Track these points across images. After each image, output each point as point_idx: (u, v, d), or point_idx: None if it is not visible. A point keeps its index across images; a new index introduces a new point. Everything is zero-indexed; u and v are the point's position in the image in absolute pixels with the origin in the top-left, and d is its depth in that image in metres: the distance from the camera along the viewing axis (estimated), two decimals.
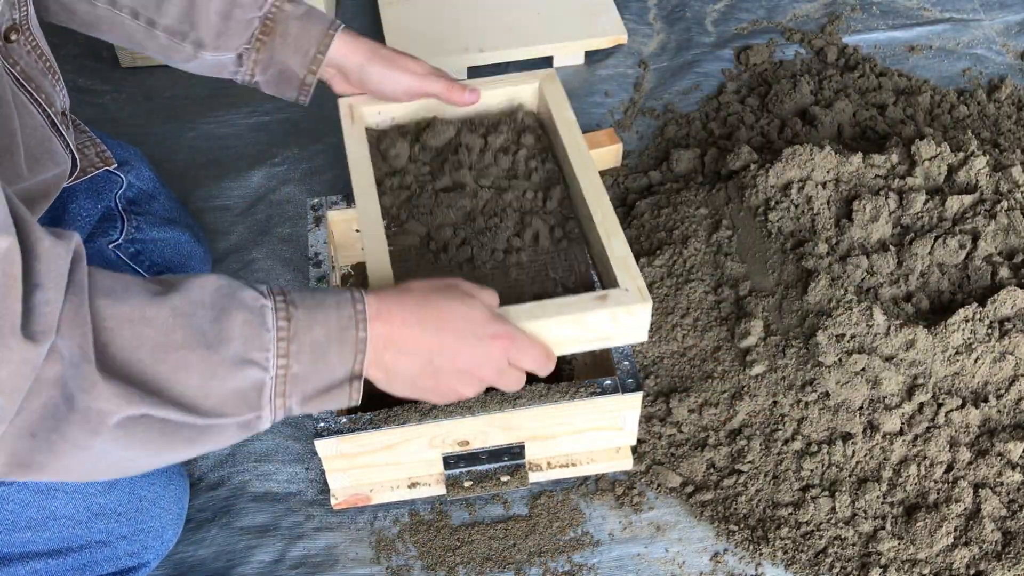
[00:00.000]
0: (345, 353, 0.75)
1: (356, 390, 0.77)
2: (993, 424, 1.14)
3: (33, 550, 0.98)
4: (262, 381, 0.72)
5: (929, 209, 1.26)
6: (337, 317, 0.75)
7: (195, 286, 0.72)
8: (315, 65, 1.02)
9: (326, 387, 0.76)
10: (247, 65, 1.03)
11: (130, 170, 1.24)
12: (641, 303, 0.90)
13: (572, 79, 1.66)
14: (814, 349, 1.16)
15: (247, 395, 0.72)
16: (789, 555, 1.08)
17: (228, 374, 0.70)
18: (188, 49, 1.01)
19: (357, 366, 0.76)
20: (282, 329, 0.73)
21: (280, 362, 0.73)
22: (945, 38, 1.71)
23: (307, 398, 0.75)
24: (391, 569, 1.09)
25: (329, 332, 0.75)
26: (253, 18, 1.01)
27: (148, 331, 0.68)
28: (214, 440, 0.74)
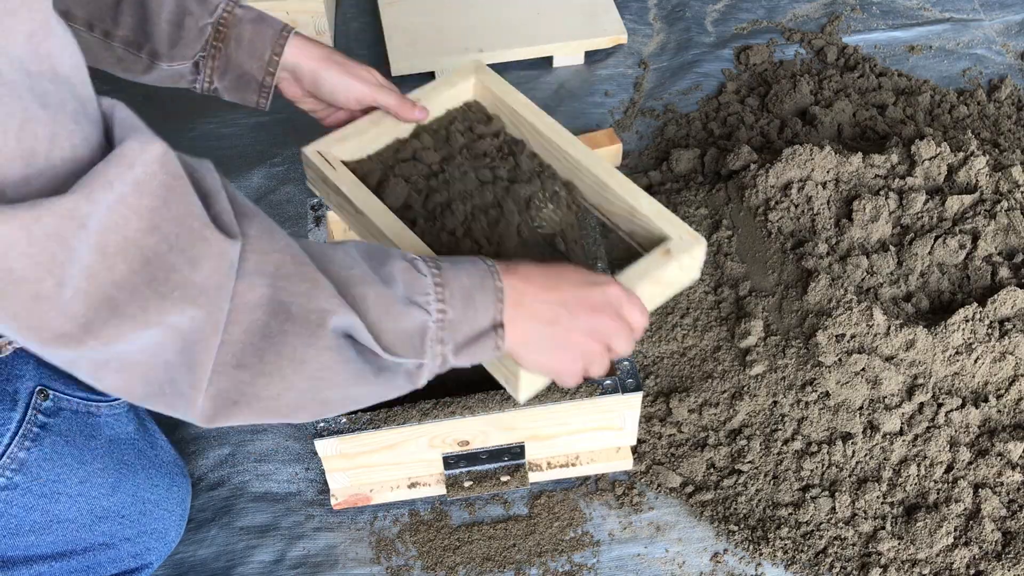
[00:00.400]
0: (488, 301, 0.78)
1: (501, 338, 0.79)
2: (993, 424, 1.14)
3: (37, 553, 0.98)
4: (425, 324, 0.74)
5: (929, 209, 1.26)
6: (475, 269, 0.78)
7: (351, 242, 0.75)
8: (272, 67, 1.03)
9: (476, 335, 0.78)
10: (204, 73, 1.03)
11: None
12: (698, 244, 0.93)
13: (572, 79, 1.66)
14: (814, 349, 1.16)
15: (413, 338, 0.74)
16: (789, 555, 1.08)
17: (400, 313, 0.73)
18: (144, 60, 1.01)
19: (498, 315, 0.79)
20: (436, 275, 0.76)
21: (438, 306, 0.75)
22: (945, 38, 1.71)
23: (460, 346, 0.77)
24: (391, 569, 1.09)
25: (472, 280, 0.78)
26: (205, 25, 1.01)
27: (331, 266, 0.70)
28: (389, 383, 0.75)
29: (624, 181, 0.99)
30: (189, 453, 1.19)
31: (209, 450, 1.19)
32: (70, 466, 0.96)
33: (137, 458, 1.03)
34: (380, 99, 1.06)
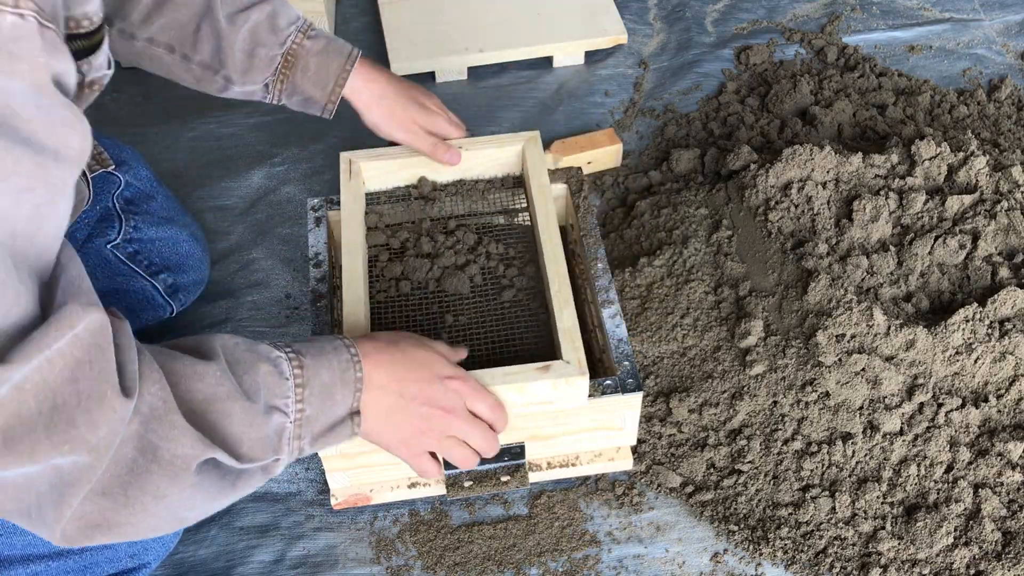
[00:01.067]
0: (346, 392, 0.84)
1: (357, 424, 0.86)
2: (993, 424, 1.14)
3: (34, 552, 0.97)
4: (284, 425, 0.79)
5: (929, 209, 1.26)
6: (337, 361, 0.84)
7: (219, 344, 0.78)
8: (334, 96, 1.14)
9: (331, 425, 0.84)
10: (273, 94, 1.14)
11: (127, 170, 1.24)
12: (580, 375, 0.98)
13: (572, 79, 1.66)
14: (814, 349, 1.16)
15: (272, 440, 0.79)
16: (789, 555, 1.08)
17: (261, 421, 0.77)
18: (220, 82, 1.11)
19: (355, 403, 0.85)
20: (297, 376, 0.81)
21: (297, 407, 0.80)
22: (945, 38, 1.71)
23: (316, 437, 0.83)
24: (391, 569, 1.09)
25: (333, 375, 0.83)
26: (275, 55, 1.10)
27: (201, 386, 0.74)
28: (246, 486, 0.80)
29: (564, 287, 1.05)
30: None
31: None
32: None
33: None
34: (416, 144, 1.19)
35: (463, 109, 1.60)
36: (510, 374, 0.98)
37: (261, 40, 1.09)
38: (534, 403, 1.00)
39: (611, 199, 1.46)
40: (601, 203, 1.46)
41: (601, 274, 1.14)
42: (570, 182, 1.25)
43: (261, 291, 1.36)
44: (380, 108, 1.17)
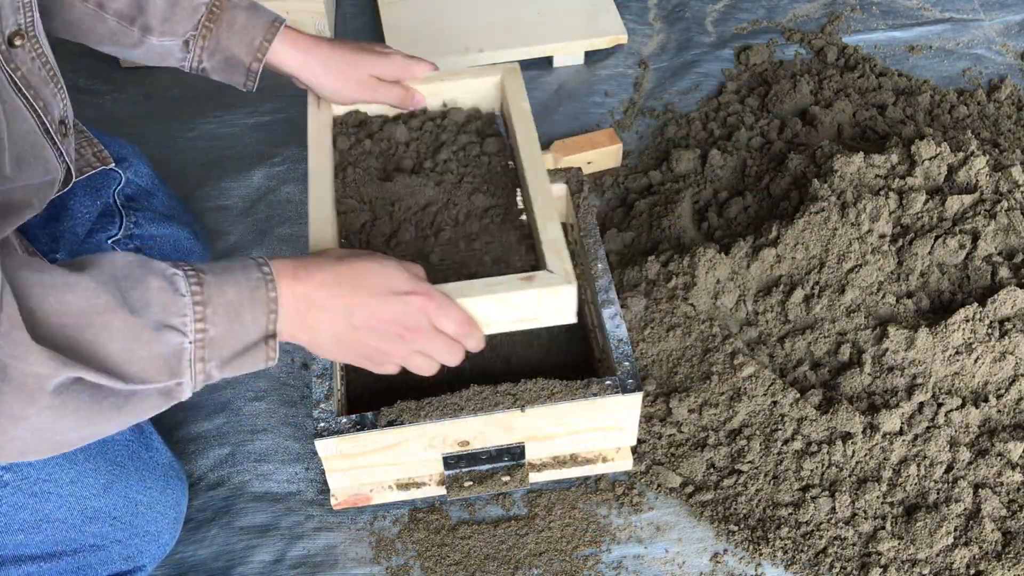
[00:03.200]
0: (258, 313, 0.77)
1: (272, 348, 0.79)
2: (993, 424, 1.14)
3: (26, 553, 0.97)
4: (181, 346, 0.73)
5: (929, 209, 1.26)
6: (246, 279, 0.77)
7: (108, 259, 0.73)
8: (260, 53, 1.05)
9: (243, 348, 0.77)
10: (194, 52, 1.05)
11: (128, 167, 1.24)
12: (566, 284, 0.91)
13: (572, 79, 1.66)
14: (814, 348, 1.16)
15: (168, 360, 0.73)
16: (789, 555, 1.08)
17: (150, 339, 0.71)
18: (135, 34, 1.03)
19: (271, 325, 0.78)
20: (196, 294, 0.74)
21: (197, 326, 0.74)
22: (945, 38, 1.71)
23: (225, 361, 0.77)
24: (391, 569, 1.09)
25: (241, 293, 0.76)
26: (200, 4, 1.03)
27: (71, 296, 0.69)
28: (138, 408, 0.75)
29: (548, 202, 0.99)
30: (189, 453, 1.19)
31: (209, 450, 1.19)
32: (61, 465, 0.96)
33: (130, 460, 1.02)
34: (380, 98, 1.08)
35: None
36: (491, 284, 0.90)
37: None
38: (517, 318, 0.92)
39: (611, 199, 1.46)
40: (601, 203, 1.46)
41: (601, 274, 1.14)
42: (570, 182, 1.25)
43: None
44: (329, 73, 1.06)
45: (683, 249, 1.31)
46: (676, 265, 1.27)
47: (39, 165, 0.92)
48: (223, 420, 1.22)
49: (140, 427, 1.06)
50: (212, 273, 0.76)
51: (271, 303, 0.78)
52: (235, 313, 0.76)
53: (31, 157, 0.91)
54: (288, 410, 1.23)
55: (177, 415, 1.23)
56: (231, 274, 0.77)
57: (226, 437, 1.21)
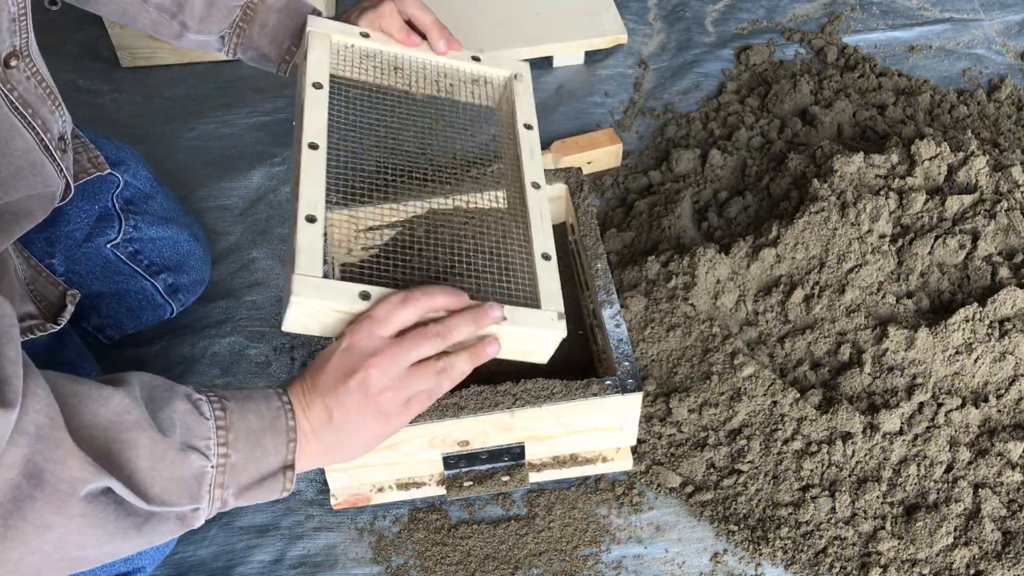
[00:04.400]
0: (279, 441, 0.78)
1: (289, 480, 0.79)
2: (993, 424, 1.14)
3: None
4: (204, 469, 0.74)
5: (929, 209, 1.26)
6: (267, 407, 0.78)
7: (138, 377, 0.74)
8: (288, 56, 1.10)
9: (261, 477, 0.77)
10: (229, 46, 1.10)
11: (126, 170, 1.23)
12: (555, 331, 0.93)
13: (572, 79, 1.66)
14: (814, 348, 1.16)
15: (189, 484, 0.73)
16: (789, 555, 1.08)
17: (175, 459, 0.72)
18: (176, 27, 1.08)
19: (290, 455, 0.79)
20: (219, 418, 0.75)
21: (220, 450, 0.74)
22: (945, 38, 1.71)
23: (242, 488, 0.77)
24: (391, 569, 1.09)
25: (262, 421, 0.77)
26: (234, 6, 1.07)
27: (104, 410, 0.69)
28: (156, 532, 0.74)
29: None
30: None
31: None
32: None
33: None
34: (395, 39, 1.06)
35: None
36: None
37: None
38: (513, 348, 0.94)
39: (611, 199, 1.46)
40: (601, 203, 1.46)
41: (601, 274, 1.14)
42: (570, 182, 1.25)
43: (261, 291, 1.36)
44: None
45: (683, 249, 1.31)
46: (676, 265, 1.27)
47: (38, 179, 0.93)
48: None
49: None
50: (235, 400, 0.77)
51: (291, 432, 0.79)
52: (257, 440, 0.77)
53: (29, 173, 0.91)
54: None
55: None
56: (253, 402, 0.78)
57: None
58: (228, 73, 1.67)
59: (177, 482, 0.72)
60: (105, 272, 1.18)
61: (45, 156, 0.93)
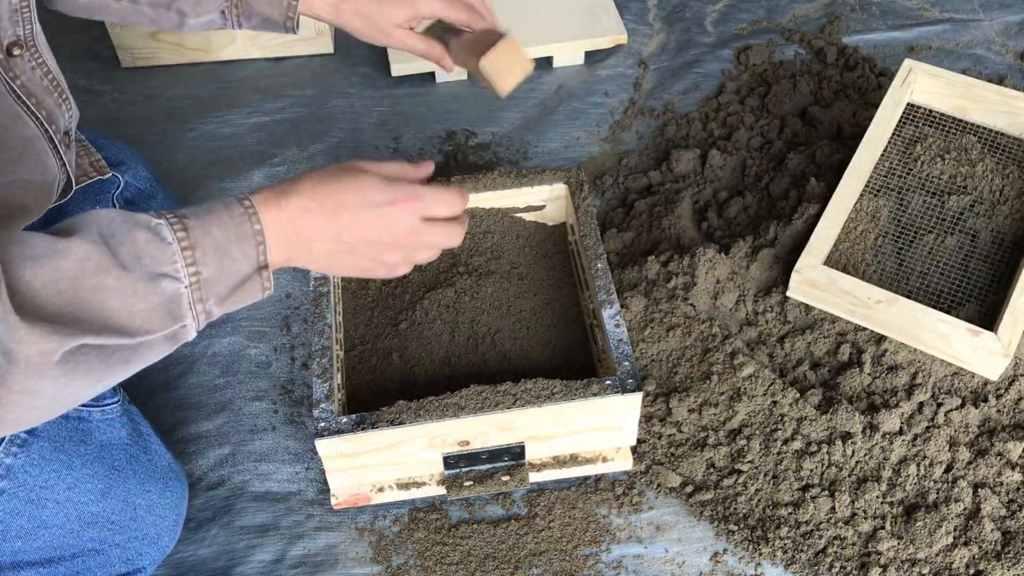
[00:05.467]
0: (246, 248, 0.79)
1: (267, 279, 0.80)
2: (993, 424, 1.14)
3: (24, 559, 0.97)
4: (178, 291, 0.75)
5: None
6: (229, 217, 0.78)
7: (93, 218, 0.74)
8: (291, 12, 1.07)
9: (237, 283, 0.79)
10: (231, 19, 1.08)
11: (127, 170, 1.24)
12: None
13: (572, 79, 1.66)
14: (813, 347, 1.16)
15: (168, 307, 0.75)
16: (789, 555, 1.08)
17: (146, 291, 0.73)
18: (175, 17, 1.06)
19: (261, 257, 0.79)
20: (182, 240, 0.75)
21: (190, 270, 0.75)
22: (945, 38, 1.71)
23: (222, 297, 0.78)
24: (391, 569, 1.09)
25: (226, 231, 0.78)
26: None
27: (64, 263, 0.70)
28: (147, 355, 0.76)
29: None
30: (189, 453, 1.19)
31: (209, 450, 1.19)
32: (58, 472, 0.95)
33: (129, 463, 1.02)
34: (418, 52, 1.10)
35: (463, 109, 1.61)
36: None
37: None
38: None
39: (611, 199, 1.46)
40: (601, 203, 1.46)
41: (601, 274, 1.14)
42: (570, 182, 1.25)
43: None
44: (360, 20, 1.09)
45: (683, 249, 1.31)
46: (676, 265, 1.27)
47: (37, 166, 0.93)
48: (223, 420, 1.22)
49: (139, 430, 1.06)
50: (195, 217, 0.77)
51: (257, 235, 0.79)
52: (224, 251, 0.77)
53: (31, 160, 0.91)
54: (288, 410, 1.23)
55: (177, 415, 1.23)
56: (214, 214, 0.78)
57: (226, 437, 1.21)
58: (228, 73, 1.67)
59: (155, 310, 0.74)
60: None
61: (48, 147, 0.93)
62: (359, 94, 1.63)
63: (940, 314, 1.12)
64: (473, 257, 1.27)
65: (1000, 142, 1.36)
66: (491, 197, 1.27)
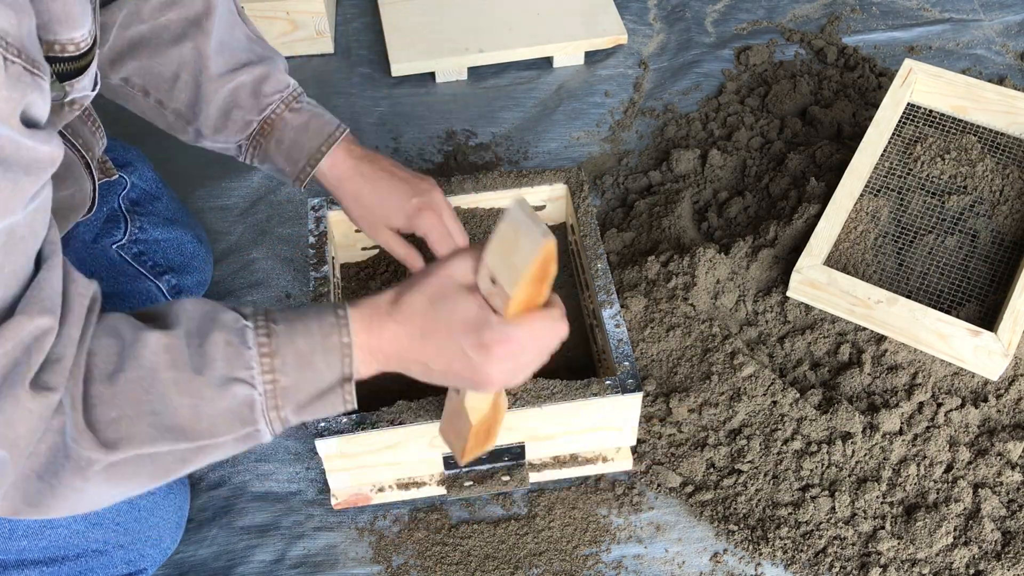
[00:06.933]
0: (331, 359, 0.77)
1: (349, 392, 0.78)
2: (993, 424, 1.14)
3: (29, 558, 0.97)
4: (251, 398, 0.74)
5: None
6: (319, 326, 0.77)
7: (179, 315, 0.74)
8: (303, 174, 1.06)
9: (318, 394, 0.77)
10: (245, 154, 1.08)
11: (132, 171, 1.24)
12: None
13: (572, 79, 1.66)
14: (813, 347, 1.16)
15: (240, 412, 0.74)
16: (789, 555, 1.08)
17: (216, 395, 0.72)
18: (191, 133, 1.06)
19: (347, 369, 0.77)
20: (263, 345, 0.74)
21: (266, 377, 0.74)
22: (945, 38, 1.71)
23: (301, 406, 0.77)
24: (391, 569, 1.09)
25: (312, 341, 0.76)
26: (252, 120, 1.05)
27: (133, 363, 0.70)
28: (212, 455, 0.76)
29: None
30: None
31: None
32: None
33: None
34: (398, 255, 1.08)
35: (463, 109, 1.61)
36: None
37: (240, 103, 1.04)
38: None
39: (611, 199, 1.46)
40: (601, 203, 1.46)
41: (601, 274, 1.14)
42: (570, 182, 1.25)
43: (261, 291, 1.36)
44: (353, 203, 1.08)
45: (683, 249, 1.31)
46: (676, 265, 1.27)
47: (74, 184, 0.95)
48: None
49: None
50: (284, 322, 0.76)
51: (344, 348, 0.77)
52: (307, 362, 0.76)
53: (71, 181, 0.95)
54: None
55: None
56: (303, 322, 0.77)
57: None
58: None
59: (223, 415, 0.73)
60: (110, 273, 1.18)
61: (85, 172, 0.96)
62: (359, 94, 1.63)
63: (940, 314, 1.12)
64: None
65: (1000, 142, 1.36)
66: (491, 197, 1.27)
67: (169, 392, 0.71)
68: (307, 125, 1.05)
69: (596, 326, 1.15)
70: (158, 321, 0.73)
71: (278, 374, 0.75)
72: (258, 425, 0.75)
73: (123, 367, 0.70)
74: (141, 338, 0.71)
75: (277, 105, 1.04)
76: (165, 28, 1.00)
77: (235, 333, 0.74)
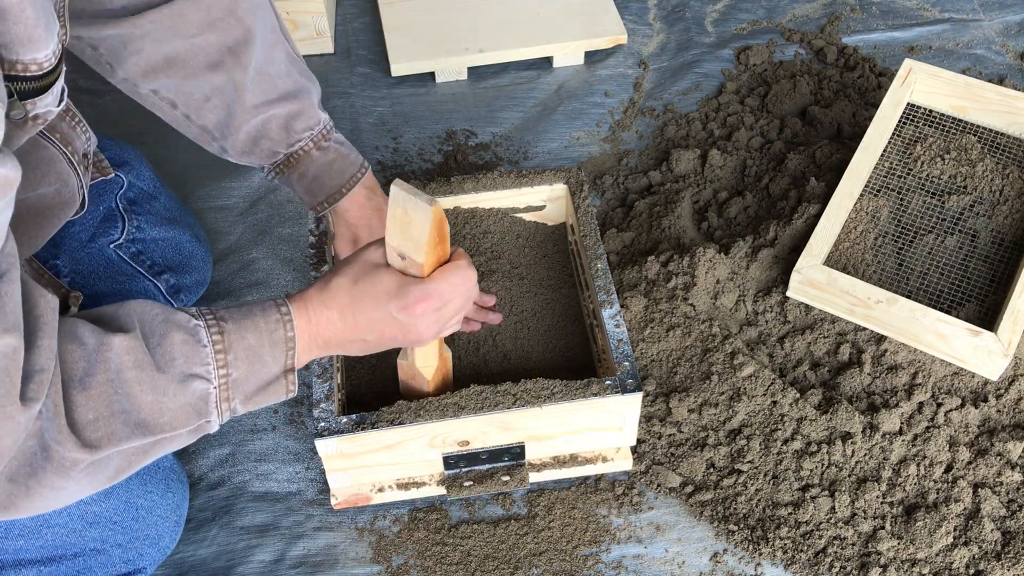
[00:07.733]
0: (277, 352, 0.83)
1: (292, 382, 0.85)
2: (993, 424, 1.14)
3: (27, 557, 0.97)
4: (207, 391, 0.79)
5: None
6: (264, 322, 0.83)
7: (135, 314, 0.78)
8: (320, 208, 1.12)
9: (264, 384, 0.83)
10: (268, 176, 1.12)
11: (130, 170, 1.24)
12: None
13: (572, 79, 1.66)
14: (813, 347, 1.16)
15: (197, 405, 0.79)
16: (789, 555, 1.08)
17: (177, 391, 0.77)
18: (216, 147, 1.09)
19: (289, 361, 0.84)
20: (217, 343, 0.80)
21: (220, 372, 0.80)
22: (945, 38, 1.71)
23: (248, 397, 0.83)
24: (391, 569, 1.09)
25: (260, 336, 0.82)
26: (279, 152, 1.08)
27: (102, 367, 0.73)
28: (167, 447, 0.80)
29: None
30: (189, 453, 1.19)
31: (209, 450, 1.19)
32: None
33: None
34: None
35: (463, 109, 1.61)
36: None
37: (269, 134, 1.06)
38: None
39: (611, 199, 1.46)
40: (601, 203, 1.46)
41: (601, 274, 1.14)
42: (570, 182, 1.25)
43: (261, 291, 1.36)
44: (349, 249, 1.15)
45: (683, 249, 1.31)
46: (676, 265, 1.27)
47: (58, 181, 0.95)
48: None
49: None
50: (233, 320, 0.81)
51: (289, 342, 0.83)
52: (256, 356, 0.82)
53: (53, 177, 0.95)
54: (288, 410, 1.23)
55: None
56: (251, 319, 0.82)
57: (226, 437, 1.21)
58: None
59: (183, 408, 0.78)
60: (108, 272, 1.18)
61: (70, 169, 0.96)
62: (359, 94, 1.63)
63: (940, 314, 1.12)
64: (473, 257, 1.27)
65: (1000, 142, 1.36)
66: (491, 197, 1.27)
67: (134, 390, 0.74)
68: (331, 164, 1.09)
69: (596, 326, 1.15)
70: (112, 324, 0.77)
71: (230, 368, 0.80)
72: (211, 417, 0.80)
73: (92, 371, 0.73)
74: (106, 341, 0.74)
75: (306, 142, 1.08)
76: (202, 51, 1.01)
77: (189, 332, 0.78)
